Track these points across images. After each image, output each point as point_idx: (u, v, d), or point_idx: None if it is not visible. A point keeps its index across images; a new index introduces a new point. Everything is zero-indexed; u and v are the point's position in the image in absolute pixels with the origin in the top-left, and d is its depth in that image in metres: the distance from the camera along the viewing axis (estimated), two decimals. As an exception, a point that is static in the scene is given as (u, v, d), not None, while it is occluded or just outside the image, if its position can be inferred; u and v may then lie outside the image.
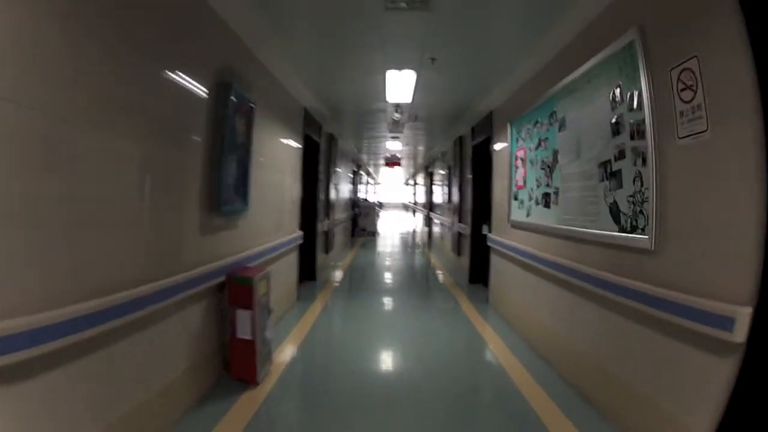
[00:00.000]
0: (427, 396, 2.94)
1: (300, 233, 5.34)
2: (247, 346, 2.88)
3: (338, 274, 7.44)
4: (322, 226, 6.94)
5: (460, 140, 7.65)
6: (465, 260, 7.20)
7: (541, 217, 3.82)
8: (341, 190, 9.92)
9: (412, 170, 19.48)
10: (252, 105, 3.24)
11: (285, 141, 4.74)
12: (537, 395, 2.89)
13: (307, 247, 6.55)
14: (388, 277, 7.54)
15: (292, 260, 5.16)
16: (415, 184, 20.76)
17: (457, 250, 7.61)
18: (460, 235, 7.52)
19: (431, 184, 13.20)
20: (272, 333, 3.32)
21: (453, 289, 6.49)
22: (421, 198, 16.94)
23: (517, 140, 4.57)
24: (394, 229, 18.18)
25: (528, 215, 4.15)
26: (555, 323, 3.44)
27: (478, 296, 5.96)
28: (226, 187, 2.88)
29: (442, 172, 10.35)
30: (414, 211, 20.68)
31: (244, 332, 2.87)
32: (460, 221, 7.49)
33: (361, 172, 17.16)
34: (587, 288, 2.79)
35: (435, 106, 5.90)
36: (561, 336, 3.29)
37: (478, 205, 6.63)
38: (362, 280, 7.26)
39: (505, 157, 4.92)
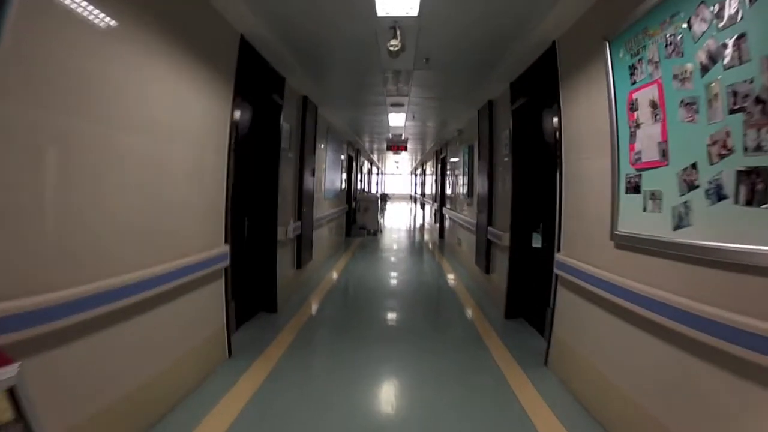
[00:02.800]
0: None
1: (223, 249, 3.07)
2: None
3: (314, 300, 5.19)
4: (286, 231, 4.67)
5: (490, 107, 5.33)
6: (498, 282, 4.91)
7: (730, 227, 1.56)
8: (329, 179, 7.65)
9: (419, 157, 17.13)
10: None
11: (176, 85, 2.47)
12: None
13: (263, 264, 4.33)
14: (384, 304, 5.27)
15: (204, 298, 2.91)
16: (423, 173, 18.41)
17: (485, 264, 5.32)
18: (490, 244, 5.22)
19: (444, 172, 10.88)
20: None
21: (482, 329, 4.22)
22: (431, 189, 14.61)
23: (632, 72, 2.28)
24: (400, 226, 15.88)
25: (681, 223, 1.88)
26: None
27: (525, 346, 3.73)
28: None
29: (459, 156, 8.03)
30: (422, 205, 18.37)
31: None
32: (490, 224, 5.19)
33: (362, 159, 14.86)
34: None
35: (454, 38, 3.58)
36: None
37: (521, 201, 4.33)
38: (346, 309, 5.01)
39: (597, 115, 2.62)
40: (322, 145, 7.08)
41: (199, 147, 2.75)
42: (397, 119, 7.26)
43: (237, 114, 3.36)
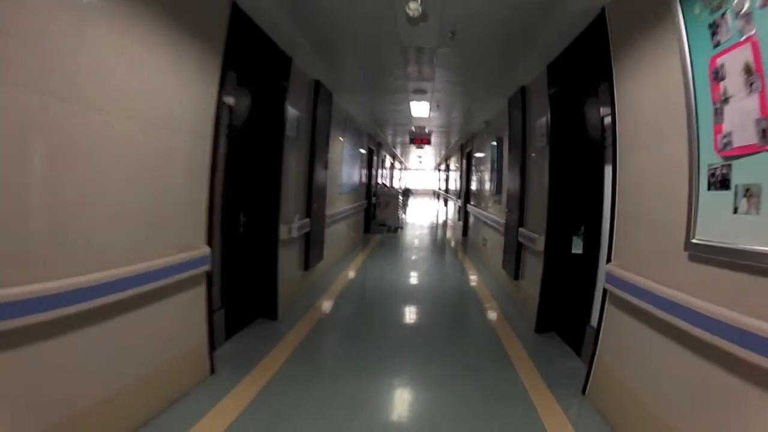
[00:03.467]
0: None
1: (200, 252, 2.61)
2: None
3: (323, 306, 4.73)
4: (290, 229, 4.22)
5: (522, 94, 4.73)
6: (528, 290, 4.34)
7: None
8: (346, 172, 7.19)
9: (443, 152, 16.50)
10: None
11: (127, 47, 2.02)
12: None
13: (262, 266, 3.92)
14: (399, 312, 4.77)
15: (174, 308, 2.48)
16: (447, 168, 17.78)
17: (514, 269, 4.75)
18: (520, 246, 4.64)
19: (468, 167, 10.27)
20: None
21: (509, 345, 3.67)
22: (455, 185, 14.00)
23: (713, 32, 1.72)
24: (422, 222, 15.33)
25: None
26: None
27: (558, 368, 3.21)
28: None
29: (486, 150, 7.43)
30: (446, 201, 17.76)
31: None
32: (521, 225, 4.61)
33: (384, 152, 14.37)
34: None
35: (484, 4, 3.02)
36: None
37: (560, 200, 3.75)
38: (357, 317, 4.53)
39: (666, 91, 2.05)
40: (340, 137, 6.61)
41: (166, 131, 2.30)
42: (420, 109, 6.72)
43: (228, 95, 2.90)
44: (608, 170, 2.85)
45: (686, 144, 1.89)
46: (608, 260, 2.66)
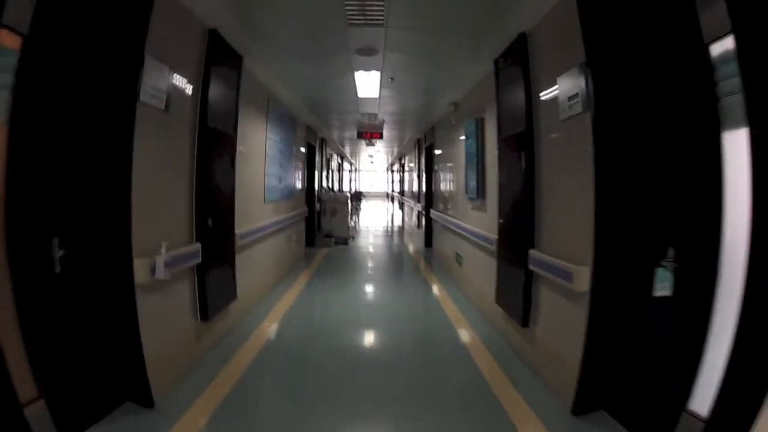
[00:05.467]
0: None
1: None
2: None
3: (228, 378, 2.90)
4: (154, 265, 2.37)
5: (522, 46, 3.15)
6: (552, 343, 2.76)
7: None
8: (273, 173, 5.36)
9: (397, 149, 14.93)
10: None
11: None
12: None
13: (112, 325, 2.09)
14: (349, 388, 3.06)
15: None
16: (402, 168, 16.23)
17: (521, 310, 3.15)
18: (530, 276, 3.03)
19: (429, 164, 8.72)
20: None
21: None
22: (411, 187, 12.43)
23: None
24: (376, 229, 13.63)
25: None
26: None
27: None
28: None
29: (455, 140, 5.87)
30: (401, 204, 16.19)
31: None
32: (532, 245, 3.00)
33: (329, 151, 12.60)
34: None
35: None
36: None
37: (617, 205, 2.18)
38: (280, 399, 2.75)
39: None
40: (261, 125, 4.79)
41: None
42: (368, 83, 5.03)
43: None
44: (731, 139, 1.31)
45: None
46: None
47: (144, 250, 2.37)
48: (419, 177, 10.03)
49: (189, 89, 2.98)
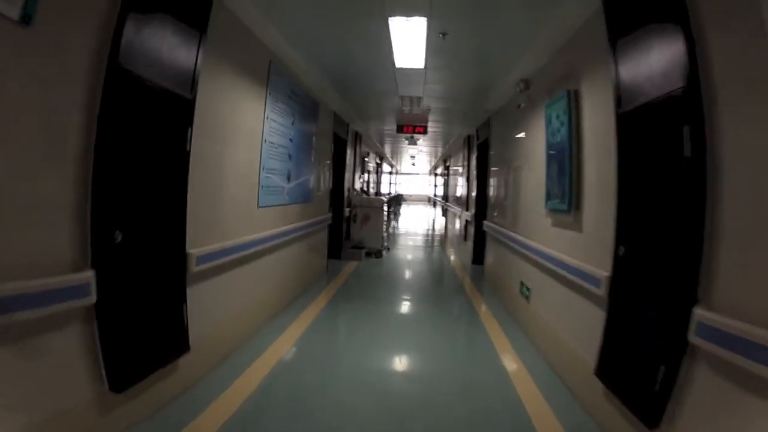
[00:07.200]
0: None
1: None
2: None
3: None
4: None
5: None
6: None
7: None
8: (278, 167, 4.03)
9: (441, 151, 13.38)
10: None
11: None
12: None
13: None
14: None
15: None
16: (447, 171, 14.67)
17: (649, 406, 1.60)
18: (682, 352, 1.49)
19: (483, 165, 7.15)
20: None
21: None
22: (457, 192, 10.87)
23: None
24: (415, 237, 12.14)
25: None
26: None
27: None
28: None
29: (525, 129, 4.33)
30: (444, 210, 14.63)
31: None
32: (693, 301, 1.46)
33: (365, 149, 11.29)
34: None
35: None
36: None
37: None
38: None
39: None
40: (256, 96, 3.47)
41: None
42: (409, 43, 3.60)
43: None
44: None
45: None
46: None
47: None
48: (468, 180, 8.47)
49: None
